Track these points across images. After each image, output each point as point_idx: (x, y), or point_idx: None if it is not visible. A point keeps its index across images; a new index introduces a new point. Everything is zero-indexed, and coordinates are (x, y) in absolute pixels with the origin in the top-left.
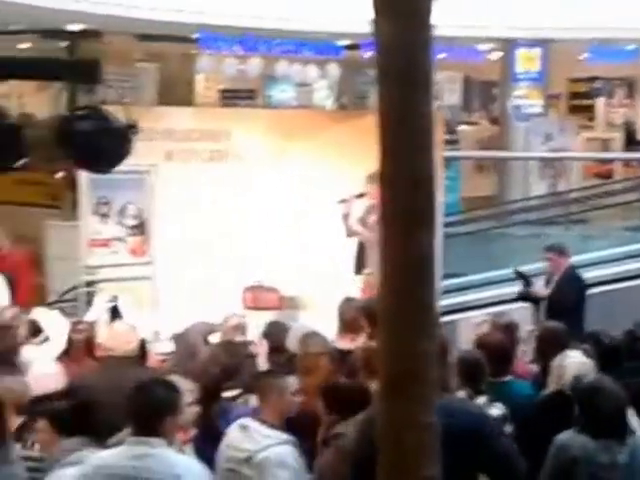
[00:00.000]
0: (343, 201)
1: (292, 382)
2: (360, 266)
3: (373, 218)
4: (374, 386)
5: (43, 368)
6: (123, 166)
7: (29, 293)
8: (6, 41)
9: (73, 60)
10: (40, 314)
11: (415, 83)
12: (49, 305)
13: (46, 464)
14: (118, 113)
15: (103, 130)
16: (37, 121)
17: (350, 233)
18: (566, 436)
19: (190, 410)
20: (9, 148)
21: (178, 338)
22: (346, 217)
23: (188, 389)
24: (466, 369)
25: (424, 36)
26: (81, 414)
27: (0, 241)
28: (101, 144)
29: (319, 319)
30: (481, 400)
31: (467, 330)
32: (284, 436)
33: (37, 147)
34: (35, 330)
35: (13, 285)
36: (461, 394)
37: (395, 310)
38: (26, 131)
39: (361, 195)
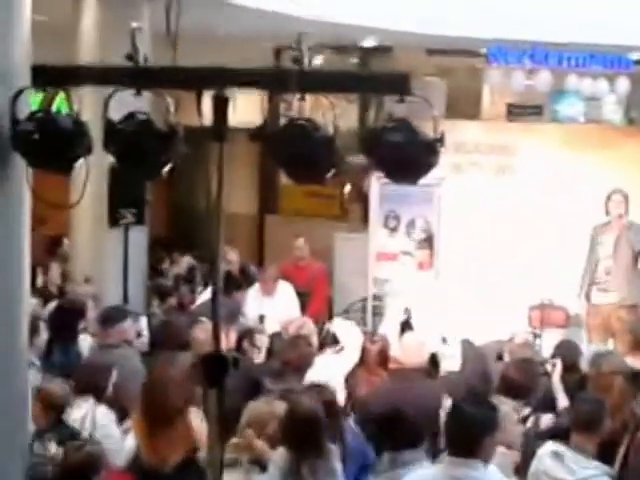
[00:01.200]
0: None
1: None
2: None
3: None
4: None
5: (336, 377)
6: None
7: (322, 304)
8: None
9: (384, 73)
10: (336, 324)
11: None
12: (337, 316)
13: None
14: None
15: (412, 142)
16: (346, 133)
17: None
18: None
19: (517, 429)
20: (323, 160)
21: (468, 355)
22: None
23: (513, 407)
24: None
25: None
26: (389, 424)
27: (302, 252)
28: (409, 155)
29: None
30: None
31: None
32: (603, 466)
33: (345, 158)
34: (331, 340)
35: (309, 296)
36: None
37: None
38: (337, 142)
39: None
